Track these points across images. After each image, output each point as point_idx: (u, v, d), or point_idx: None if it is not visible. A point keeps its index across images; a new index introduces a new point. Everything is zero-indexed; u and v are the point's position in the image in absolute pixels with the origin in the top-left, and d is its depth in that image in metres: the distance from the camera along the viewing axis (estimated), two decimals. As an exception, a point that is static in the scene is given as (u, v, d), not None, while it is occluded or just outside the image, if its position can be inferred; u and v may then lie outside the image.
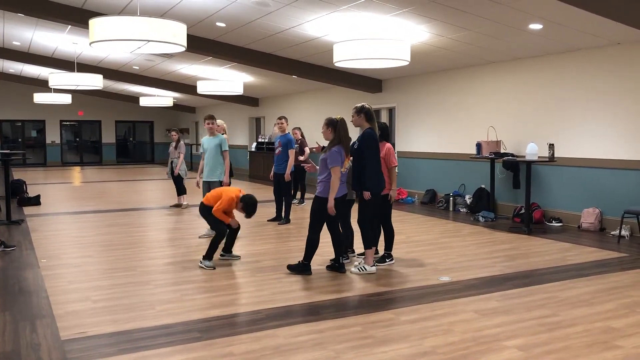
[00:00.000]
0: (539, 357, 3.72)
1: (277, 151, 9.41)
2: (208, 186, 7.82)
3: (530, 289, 5.34)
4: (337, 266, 6.00)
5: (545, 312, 4.64)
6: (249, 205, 6.23)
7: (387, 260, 6.39)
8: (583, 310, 4.72)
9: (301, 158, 10.88)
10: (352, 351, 3.84)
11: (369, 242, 5.95)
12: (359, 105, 6.02)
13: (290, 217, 9.35)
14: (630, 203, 8.06)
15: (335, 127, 5.79)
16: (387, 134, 6.50)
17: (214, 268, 6.14)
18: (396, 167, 6.48)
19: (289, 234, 8.33)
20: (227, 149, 8.04)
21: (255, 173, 18.47)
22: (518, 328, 4.28)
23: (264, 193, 13.31)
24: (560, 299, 5.04)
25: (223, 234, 6.30)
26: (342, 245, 6.04)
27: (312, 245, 5.83)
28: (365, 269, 5.92)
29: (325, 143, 5.94)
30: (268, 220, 9.38)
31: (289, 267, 5.98)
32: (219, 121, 10.26)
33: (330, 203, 5.64)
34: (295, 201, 11.46)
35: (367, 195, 5.83)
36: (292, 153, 9.28)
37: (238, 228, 6.49)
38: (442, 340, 4.01)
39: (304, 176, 11.62)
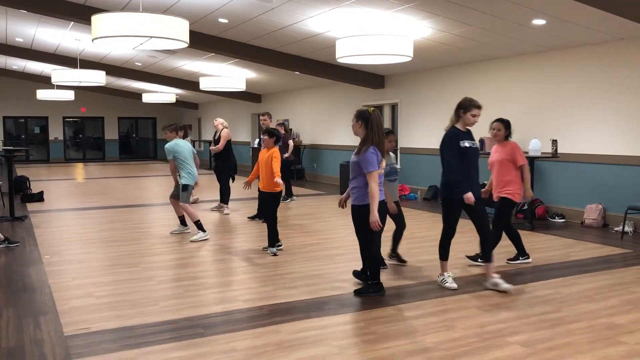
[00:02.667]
0: (542, 353, 3.72)
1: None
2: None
3: (533, 285, 5.33)
4: (363, 277, 5.27)
5: (548, 308, 4.64)
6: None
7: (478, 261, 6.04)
8: (586, 306, 4.71)
9: (286, 155, 10.74)
10: (354, 347, 3.84)
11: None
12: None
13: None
14: (633, 199, 8.04)
15: (367, 121, 4.87)
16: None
17: (276, 254, 6.60)
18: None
19: (287, 230, 8.33)
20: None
21: (257, 169, 18.46)
22: (521, 324, 4.28)
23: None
24: (564, 295, 5.03)
25: (276, 218, 6.78)
26: (378, 261, 5.18)
27: (375, 261, 5.07)
28: (448, 281, 5.29)
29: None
30: (248, 218, 9.25)
31: (357, 292, 5.05)
32: (219, 119, 10.29)
33: (374, 216, 4.74)
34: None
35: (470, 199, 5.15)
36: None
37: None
38: (445, 336, 4.01)
39: (292, 173, 11.52)
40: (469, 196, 5.05)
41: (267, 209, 6.93)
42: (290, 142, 11.50)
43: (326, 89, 15.72)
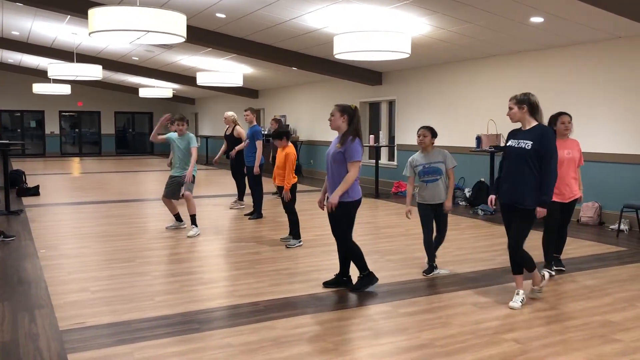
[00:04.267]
0: (537, 350, 3.73)
1: (245, 143, 9.09)
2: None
3: (528, 283, 5.33)
4: (344, 280, 5.17)
5: (543, 305, 4.65)
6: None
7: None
8: (582, 303, 4.72)
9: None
10: (350, 343, 3.84)
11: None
12: (520, 95, 4.73)
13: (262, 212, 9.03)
14: (629, 197, 8.06)
15: (352, 116, 4.89)
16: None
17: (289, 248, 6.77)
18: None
19: (284, 225, 8.32)
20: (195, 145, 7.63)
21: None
22: (516, 321, 4.29)
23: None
24: (559, 292, 5.04)
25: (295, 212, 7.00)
26: (349, 262, 5.19)
27: (358, 254, 5.01)
28: (524, 298, 4.73)
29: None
30: (244, 215, 9.12)
31: (354, 288, 5.03)
32: (229, 113, 10.06)
33: (334, 198, 4.74)
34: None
35: (544, 211, 4.54)
36: (259, 145, 8.79)
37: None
38: (441, 333, 4.02)
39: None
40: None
41: (285, 204, 6.99)
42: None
43: (323, 85, 15.70)
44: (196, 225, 7.53)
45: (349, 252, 5.02)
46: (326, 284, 5.18)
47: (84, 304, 4.62)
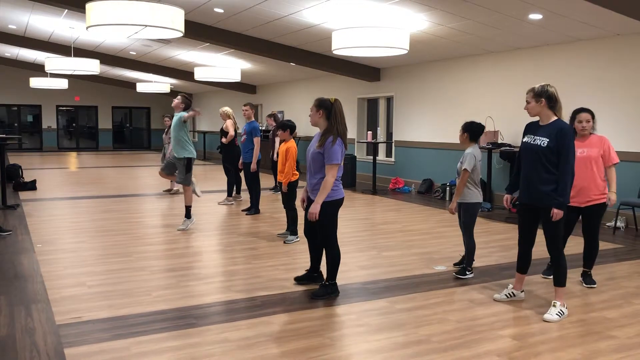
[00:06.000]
0: (534, 346, 3.74)
1: (242, 139, 9.00)
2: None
3: (525, 279, 5.34)
4: (315, 276, 5.08)
5: (540, 302, 4.66)
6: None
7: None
8: (578, 300, 4.73)
9: (273, 154, 10.15)
10: (347, 338, 3.85)
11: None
12: (538, 87, 4.35)
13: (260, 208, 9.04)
14: (625, 195, 8.07)
15: (329, 110, 4.62)
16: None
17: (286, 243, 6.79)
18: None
19: (280, 222, 8.33)
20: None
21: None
22: (513, 317, 4.30)
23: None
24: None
25: (294, 207, 7.00)
26: (320, 259, 5.07)
27: (336, 261, 4.73)
28: (564, 312, 4.33)
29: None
30: (242, 210, 9.09)
31: (314, 295, 4.73)
32: (224, 108, 10.08)
33: (316, 208, 4.48)
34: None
35: (560, 213, 4.21)
36: (257, 141, 8.73)
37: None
38: (437, 329, 4.02)
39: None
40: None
41: (284, 199, 7.01)
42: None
43: (322, 80, 15.68)
44: (189, 218, 7.53)
45: (330, 255, 4.70)
46: (298, 280, 5.11)
47: (80, 299, 4.62)
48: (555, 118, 4.33)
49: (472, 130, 5.42)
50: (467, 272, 5.36)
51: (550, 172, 4.24)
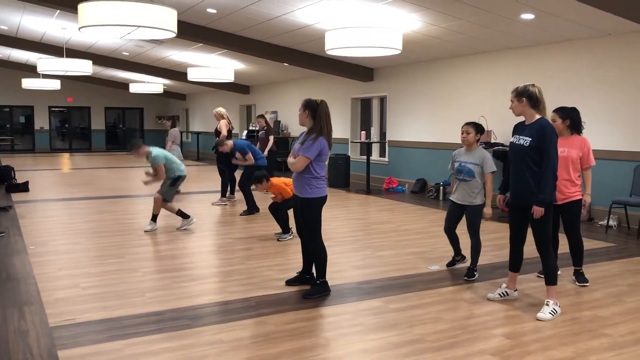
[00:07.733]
0: (527, 345, 3.75)
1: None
2: None
3: (518, 278, 5.36)
4: (306, 278, 5.07)
5: (532, 301, 4.68)
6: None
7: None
8: (571, 298, 4.76)
9: (265, 154, 10.11)
10: (342, 338, 3.85)
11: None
12: (520, 87, 4.43)
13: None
14: (618, 193, 8.12)
15: (314, 111, 4.69)
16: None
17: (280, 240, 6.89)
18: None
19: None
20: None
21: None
22: (506, 316, 4.32)
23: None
24: (548, 287, 5.07)
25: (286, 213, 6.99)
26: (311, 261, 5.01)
27: (322, 257, 4.78)
28: (557, 311, 4.33)
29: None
30: (241, 214, 9.03)
31: (306, 294, 4.75)
32: (217, 109, 10.08)
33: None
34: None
35: (540, 210, 4.23)
36: (249, 157, 8.77)
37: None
38: (431, 328, 4.04)
39: (280, 165, 11.31)
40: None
41: (281, 206, 6.90)
42: (271, 138, 11.38)
43: (315, 81, 15.69)
44: (154, 222, 7.52)
45: (315, 253, 4.77)
46: (289, 282, 5.09)
47: (74, 300, 4.60)
48: (539, 117, 4.37)
49: (482, 131, 5.45)
50: (475, 273, 5.38)
51: (534, 171, 4.27)
